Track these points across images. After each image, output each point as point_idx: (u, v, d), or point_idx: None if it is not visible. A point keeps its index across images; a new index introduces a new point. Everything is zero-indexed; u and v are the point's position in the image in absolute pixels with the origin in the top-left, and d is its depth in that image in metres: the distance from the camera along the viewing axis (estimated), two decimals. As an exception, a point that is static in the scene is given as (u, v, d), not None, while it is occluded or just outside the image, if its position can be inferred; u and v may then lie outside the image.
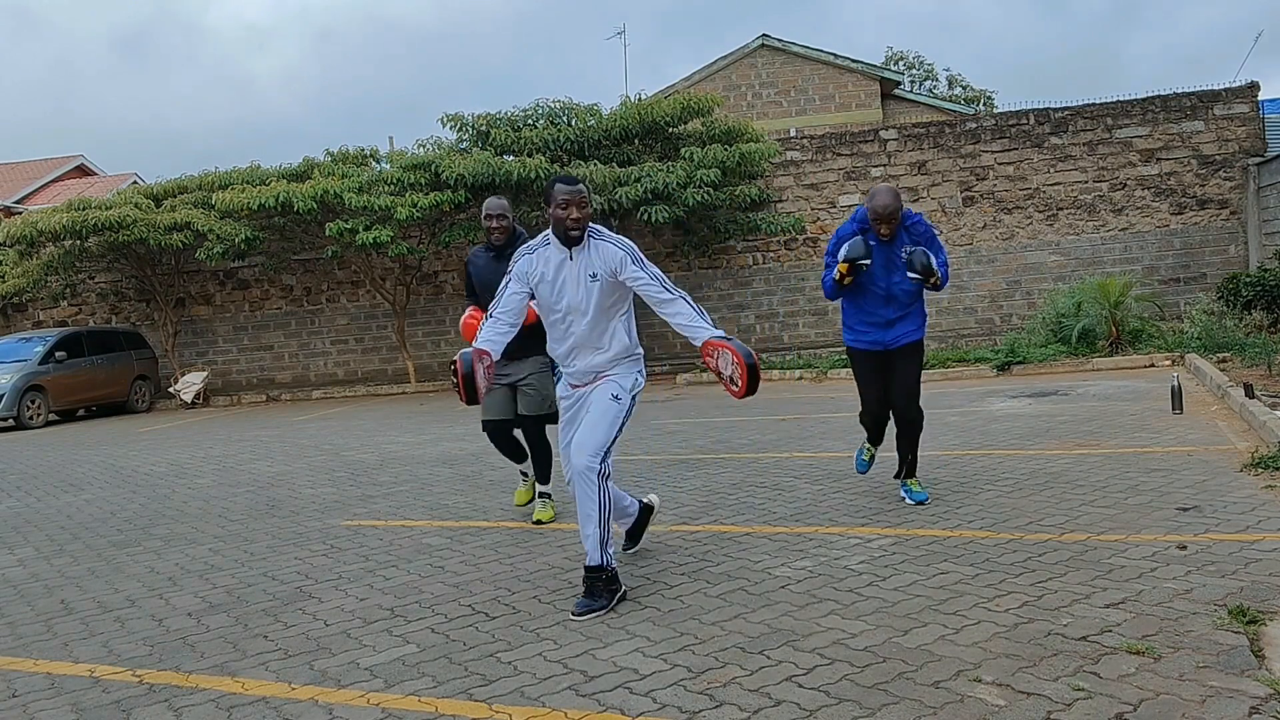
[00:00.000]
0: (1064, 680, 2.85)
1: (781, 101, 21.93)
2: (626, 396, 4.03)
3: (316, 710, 3.09)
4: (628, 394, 4.04)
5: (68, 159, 28.33)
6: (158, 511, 6.81)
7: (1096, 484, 5.35)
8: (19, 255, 17.48)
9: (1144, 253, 15.40)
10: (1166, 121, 15.26)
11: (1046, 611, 3.42)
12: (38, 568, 5.36)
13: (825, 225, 16.19)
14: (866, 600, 3.69)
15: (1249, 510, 4.55)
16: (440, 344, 17.88)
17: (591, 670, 3.22)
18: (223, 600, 4.41)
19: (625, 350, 4.09)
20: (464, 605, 4.05)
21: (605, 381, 4.06)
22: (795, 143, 16.66)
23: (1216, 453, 5.97)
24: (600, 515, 3.90)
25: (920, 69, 40.23)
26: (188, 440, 11.53)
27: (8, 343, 16.30)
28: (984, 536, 4.46)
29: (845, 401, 10.38)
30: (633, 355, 4.14)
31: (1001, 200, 15.76)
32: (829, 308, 16.32)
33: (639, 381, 4.14)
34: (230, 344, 18.70)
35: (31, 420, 15.09)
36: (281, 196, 14.87)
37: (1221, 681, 2.77)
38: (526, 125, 15.03)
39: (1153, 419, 7.45)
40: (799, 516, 5.13)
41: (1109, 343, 12.19)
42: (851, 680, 2.97)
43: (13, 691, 3.46)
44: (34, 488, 8.46)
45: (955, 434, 7.50)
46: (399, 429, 10.84)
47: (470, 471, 7.43)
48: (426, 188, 14.68)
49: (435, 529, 5.53)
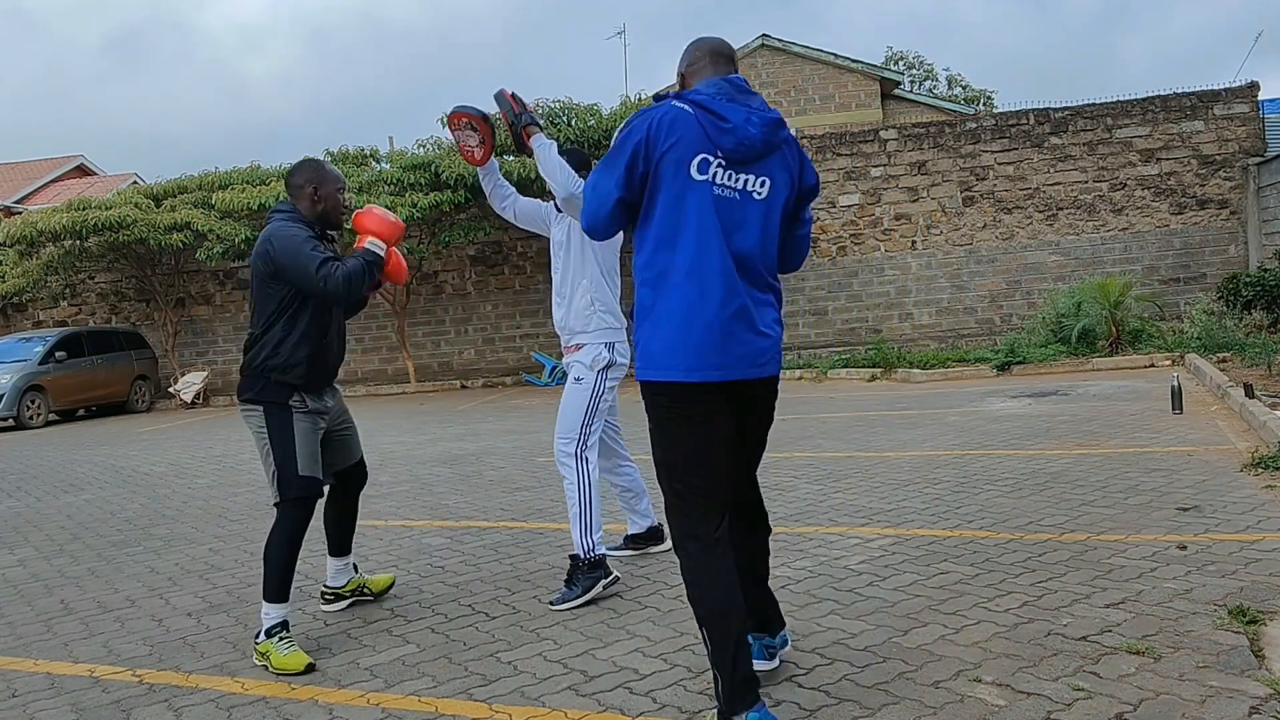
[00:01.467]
0: (1064, 680, 2.85)
1: (781, 101, 21.92)
2: (589, 374, 4.10)
3: (316, 710, 3.09)
4: (590, 371, 4.10)
5: (68, 159, 28.31)
6: (158, 511, 6.81)
7: (1096, 484, 5.35)
8: (19, 255, 17.47)
9: (1144, 253, 15.40)
10: (1166, 121, 15.26)
11: (1046, 611, 3.42)
12: (38, 568, 5.36)
13: (825, 225, 16.19)
14: (866, 600, 3.69)
15: (1249, 510, 4.55)
16: (440, 344, 17.89)
17: (591, 670, 3.22)
18: (223, 600, 4.41)
19: (585, 314, 4.13)
20: (464, 605, 4.05)
21: (573, 362, 4.18)
22: (795, 143, 16.65)
23: (1216, 453, 5.97)
24: (580, 498, 4.00)
25: (920, 69, 40.24)
26: (188, 440, 11.53)
27: (8, 343, 16.30)
28: (984, 536, 4.46)
29: (845, 402, 10.39)
30: (603, 326, 4.15)
31: (1001, 200, 15.76)
32: (829, 307, 16.34)
33: (604, 355, 4.11)
34: (230, 344, 18.69)
35: (31, 420, 15.08)
36: (281, 196, 14.85)
37: (1221, 681, 2.77)
38: (526, 125, 15.01)
39: (1153, 419, 7.45)
40: (799, 516, 5.13)
41: (1109, 343, 12.19)
42: (851, 680, 2.97)
43: (13, 691, 3.46)
44: (34, 488, 8.45)
45: (955, 434, 7.50)
46: (399, 429, 10.84)
47: (470, 471, 7.43)
48: (426, 188, 14.69)
49: (435, 529, 5.52)
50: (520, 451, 8.35)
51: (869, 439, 7.61)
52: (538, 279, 17.39)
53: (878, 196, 16.16)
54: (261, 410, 3.57)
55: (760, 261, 2.66)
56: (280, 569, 3.57)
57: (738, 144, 2.57)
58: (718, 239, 2.57)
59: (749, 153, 2.58)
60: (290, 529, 3.61)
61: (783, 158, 2.67)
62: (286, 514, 3.61)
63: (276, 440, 3.56)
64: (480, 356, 17.69)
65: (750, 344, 2.63)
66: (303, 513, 3.63)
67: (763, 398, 2.83)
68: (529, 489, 6.53)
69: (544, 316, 17.52)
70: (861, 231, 16.25)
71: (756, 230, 2.63)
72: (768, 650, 3.02)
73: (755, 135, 2.58)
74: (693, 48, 2.80)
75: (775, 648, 3.06)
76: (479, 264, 17.64)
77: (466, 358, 17.85)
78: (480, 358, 17.69)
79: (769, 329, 2.69)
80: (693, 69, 2.77)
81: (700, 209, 2.57)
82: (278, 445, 3.57)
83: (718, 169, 2.57)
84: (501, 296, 17.71)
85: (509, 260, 17.58)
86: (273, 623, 3.51)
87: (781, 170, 2.67)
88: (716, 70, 2.72)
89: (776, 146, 2.65)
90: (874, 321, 16.20)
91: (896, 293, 16.20)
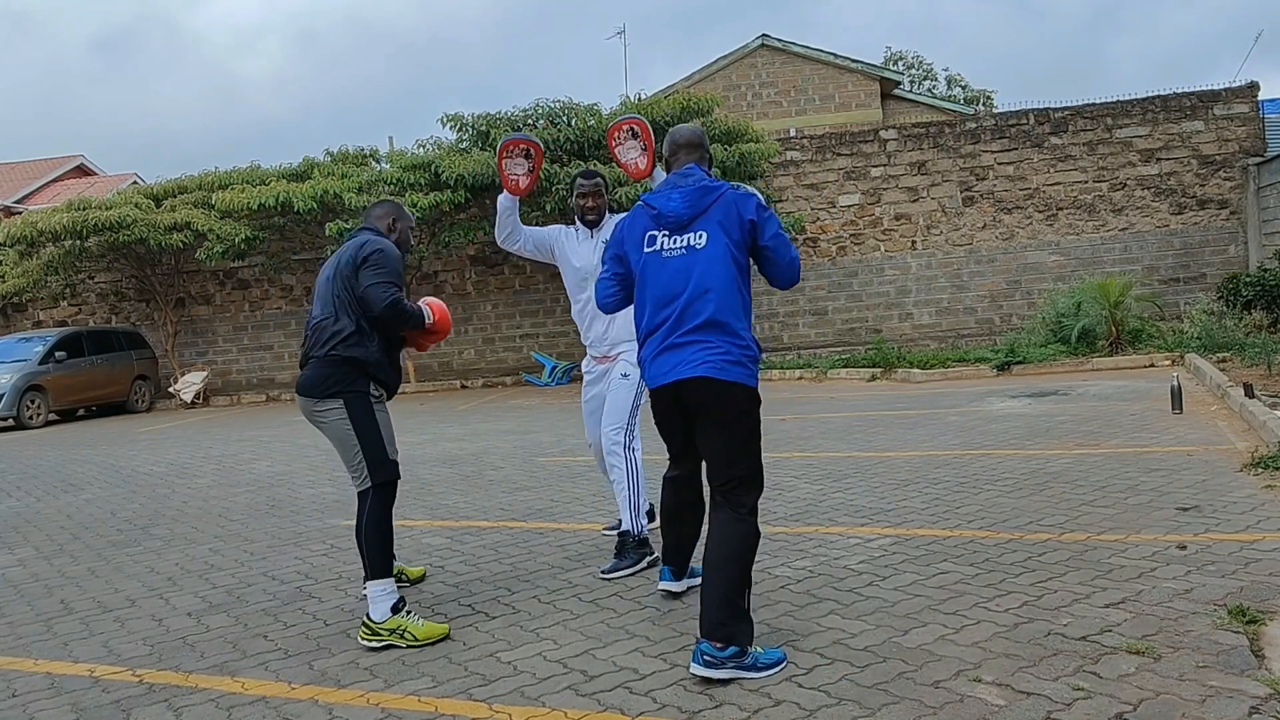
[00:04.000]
0: (1064, 680, 2.85)
1: (781, 101, 21.93)
2: (635, 370, 4.36)
3: (316, 710, 3.09)
4: (635, 368, 4.33)
5: (68, 159, 28.29)
6: (158, 511, 6.81)
7: (1096, 484, 5.35)
8: (19, 255, 17.48)
9: (1144, 253, 15.40)
10: (1166, 121, 15.27)
11: (1046, 611, 3.42)
12: (38, 568, 5.36)
13: (825, 225, 16.20)
14: (866, 600, 3.69)
15: (1249, 510, 4.55)
16: (440, 344, 17.87)
17: (591, 670, 3.22)
18: (223, 600, 4.41)
19: (629, 326, 4.26)
20: (464, 605, 4.05)
21: (618, 361, 4.51)
22: (795, 143, 16.66)
23: (1216, 453, 5.97)
24: (629, 483, 4.41)
25: (919, 69, 40.22)
26: (188, 440, 11.53)
27: (8, 343, 16.29)
28: (984, 536, 4.46)
29: (845, 402, 10.39)
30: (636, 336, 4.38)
31: (1001, 200, 15.77)
32: (829, 307, 16.34)
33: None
34: (230, 344, 18.70)
35: (31, 420, 15.08)
36: (281, 196, 14.88)
37: (1221, 681, 2.77)
38: (526, 125, 15.01)
39: (1153, 419, 7.45)
40: (799, 516, 5.13)
41: (1109, 343, 12.19)
42: (851, 680, 2.97)
43: (13, 691, 3.46)
44: (34, 488, 8.45)
45: (955, 434, 7.50)
46: (398, 429, 10.77)
47: (470, 471, 7.43)
48: (426, 188, 14.68)
49: (435, 529, 5.52)
50: (520, 451, 8.36)
51: (869, 439, 7.61)
52: (537, 279, 17.39)
53: (878, 196, 16.17)
54: (342, 403, 3.75)
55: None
56: (383, 546, 3.74)
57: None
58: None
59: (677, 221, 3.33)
60: (383, 510, 3.78)
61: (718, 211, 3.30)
62: (379, 497, 3.78)
63: (363, 429, 3.75)
64: (480, 356, 17.69)
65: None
66: (391, 494, 3.84)
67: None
68: (529, 489, 6.53)
69: (544, 316, 17.53)
70: (861, 231, 16.26)
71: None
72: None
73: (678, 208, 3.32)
74: (666, 141, 3.55)
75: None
76: (479, 264, 17.64)
77: (466, 358, 17.86)
78: (480, 358, 17.69)
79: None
80: (672, 158, 3.51)
81: None
82: (366, 433, 3.75)
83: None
84: (501, 296, 17.71)
85: (509, 260, 17.58)
86: (395, 599, 3.68)
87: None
88: (676, 163, 3.48)
89: (704, 209, 3.30)
90: (874, 321, 16.20)
91: (896, 293, 16.20)
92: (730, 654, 3.00)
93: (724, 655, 2.99)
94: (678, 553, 3.83)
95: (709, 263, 3.25)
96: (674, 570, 3.86)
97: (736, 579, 3.10)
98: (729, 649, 3.00)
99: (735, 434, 3.25)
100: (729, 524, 3.21)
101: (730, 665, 3.00)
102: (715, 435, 3.28)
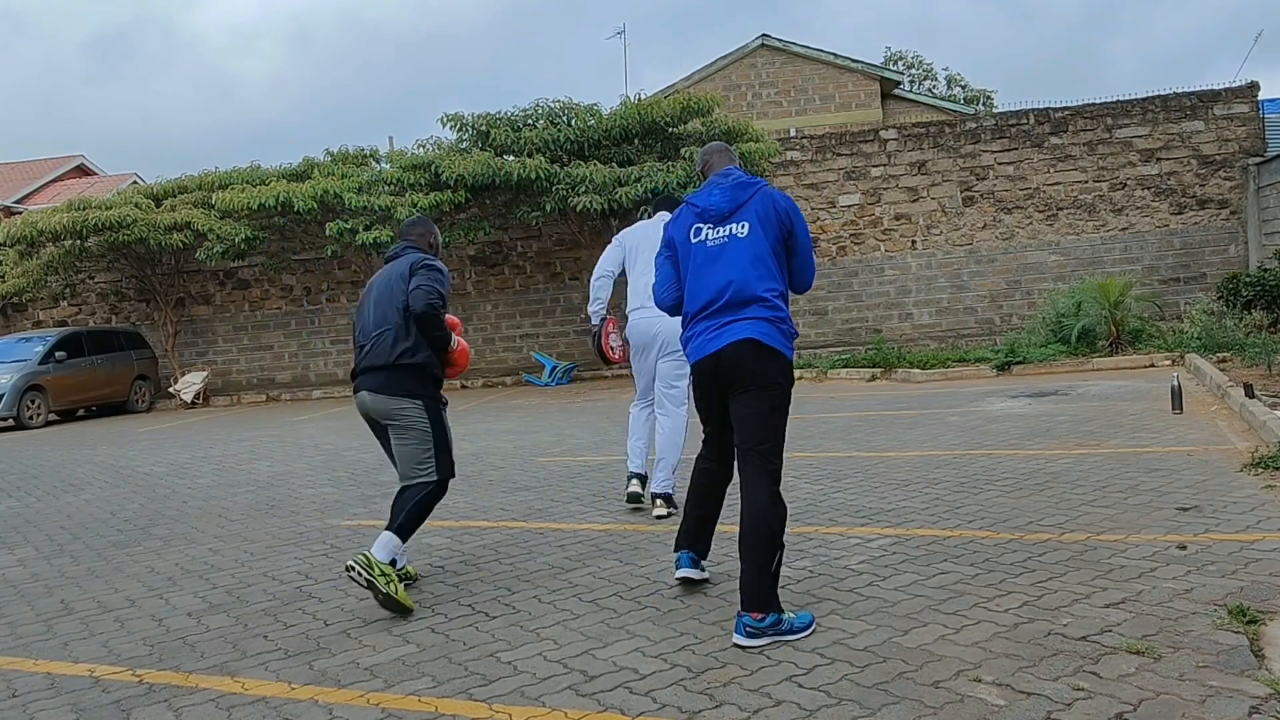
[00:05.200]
0: (1064, 680, 2.85)
1: (781, 101, 21.93)
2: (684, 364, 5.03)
3: (316, 710, 3.09)
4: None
5: (68, 159, 28.29)
6: (158, 511, 6.81)
7: (1096, 484, 5.35)
8: (19, 255, 17.47)
9: (1144, 253, 15.40)
10: (1166, 121, 15.26)
11: (1046, 611, 3.42)
12: (38, 568, 5.36)
13: (825, 225, 16.20)
14: (866, 600, 3.69)
15: (1249, 510, 4.55)
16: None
17: (591, 670, 3.22)
18: (223, 600, 4.41)
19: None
20: (464, 605, 4.05)
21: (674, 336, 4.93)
22: (795, 142, 16.66)
23: (1216, 453, 5.97)
24: (671, 440, 5.23)
25: (919, 69, 40.21)
26: (188, 440, 11.53)
27: (8, 343, 16.29)
28: (984, 536, 4.46)
29: (845, 402, 10.39)
30: None
31: (1001, 200, 15.77)
32: (829, 307, 16.34)
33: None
34: (230, 344, 18.70)
35: (31, 420, 15.08)
36: (281, 196, 14.88)
37: (1221, 681, 2.77)
38: (526, 125, 15.02)
39: (1153, 419, 7.45)
40: (799, 516, 5.13)
41: (1109, 343, 12.19)
42: (851, 680, 2.97)
43: (13, 691, 3.46)
44: (34, 488, 8.45)
45: (955, 434, 7.50)
46: (399, 429, 10.82)
47: (470, 471, 7.43)
48: (426, 188, 14.68)
49: (435, 529, 5.52)
50: (520, 451, 8.36)
51: (869, 439, 7.61)
52: (538, 279, 17.40)
53: (878, 196, 16.16)
54: (422, 403, 4.19)
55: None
56: (417, 521, 4.14)
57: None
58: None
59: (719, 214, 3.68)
60: (435, 500, 4.22)
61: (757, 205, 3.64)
62: (438, 489, 4.22)
63: (439, 429, 4.23)
64: (480, 356, 17.67)
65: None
66: (446, 488, 4.30)
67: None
68: (529, 489, 6.53)
69: (544, 316, 17.53)
70: (861, 231, 16.26)
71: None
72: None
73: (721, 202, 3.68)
74: (700, 155, 4.02)
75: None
76: (479, 264, 17.64)
77: (466, 358, 17.84)
78: (480, 358, 17.67)
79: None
80: (707, 164, 3.92)
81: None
82: (441, 433, 4.24)
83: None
84: (501, 296, 17.71)
85: (509, 260, 17.59)
86: (404, 560, 4.24)
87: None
88: (713, 168, 3.89)
89: (743, 202, 3.64)
90: (874, 321, 16.20)
91: (896, 292, 16.20)
92: (769, 623, 3.30)
93: (764, 625, 3.29)
94: (699, 537, 3.95)
95: (751, 248, 3.56)
96: (693, 558, 3.96)
97: (770, 555, 3.36)
98: (768, 618, 3.30)
99: (765, 401, 3.49)
100: (761, 510, 3.42)
101: (770, 633, 3.30)
102: (749, 401, 3.50)
